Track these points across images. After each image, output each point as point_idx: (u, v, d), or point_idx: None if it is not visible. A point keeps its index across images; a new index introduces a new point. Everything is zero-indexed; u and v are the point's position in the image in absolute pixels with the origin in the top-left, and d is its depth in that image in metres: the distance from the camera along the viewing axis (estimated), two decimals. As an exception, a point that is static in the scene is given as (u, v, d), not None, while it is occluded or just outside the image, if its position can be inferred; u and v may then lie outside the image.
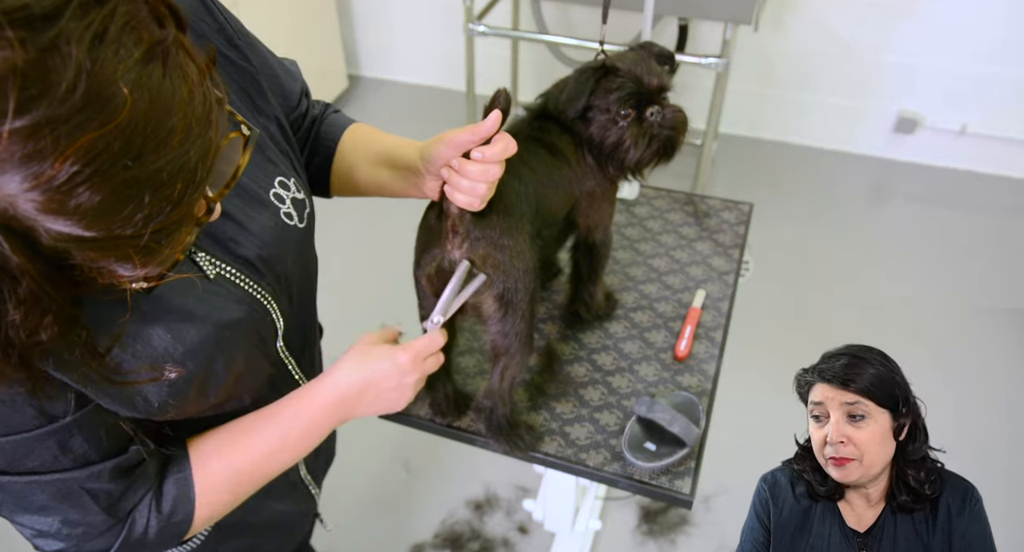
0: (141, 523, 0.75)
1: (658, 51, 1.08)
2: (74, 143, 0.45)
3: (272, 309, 0.82)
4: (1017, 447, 2.12)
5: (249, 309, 0.79)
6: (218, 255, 0.76)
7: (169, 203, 0.51)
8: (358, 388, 0.86)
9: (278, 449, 0.83)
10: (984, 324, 2.50)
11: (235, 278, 0.77)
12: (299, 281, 0.89)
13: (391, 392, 0.88)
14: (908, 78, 3.01)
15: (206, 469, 0.79)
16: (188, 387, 0.73)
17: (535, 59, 3.34)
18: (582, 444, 1.12)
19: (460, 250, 0.92)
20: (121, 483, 0.73)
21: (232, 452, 0.81)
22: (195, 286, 0.73)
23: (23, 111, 0.42)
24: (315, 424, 0.85)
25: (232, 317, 0.76)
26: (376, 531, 1.98)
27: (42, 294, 0.50)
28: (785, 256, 2.75)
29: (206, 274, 0.75)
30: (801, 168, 3.20)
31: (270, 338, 0.84)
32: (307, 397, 0.85)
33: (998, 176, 3.11)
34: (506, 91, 0.81)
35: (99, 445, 0.70)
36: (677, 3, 2.38)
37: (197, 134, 0.51)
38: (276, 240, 0.82)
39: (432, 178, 0.90)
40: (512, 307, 0.96)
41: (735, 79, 3.08)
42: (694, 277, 1.40)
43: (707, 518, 1.97)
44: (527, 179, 0.98)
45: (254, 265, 0.79)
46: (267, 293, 0.81)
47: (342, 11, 3.54)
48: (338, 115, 1.05)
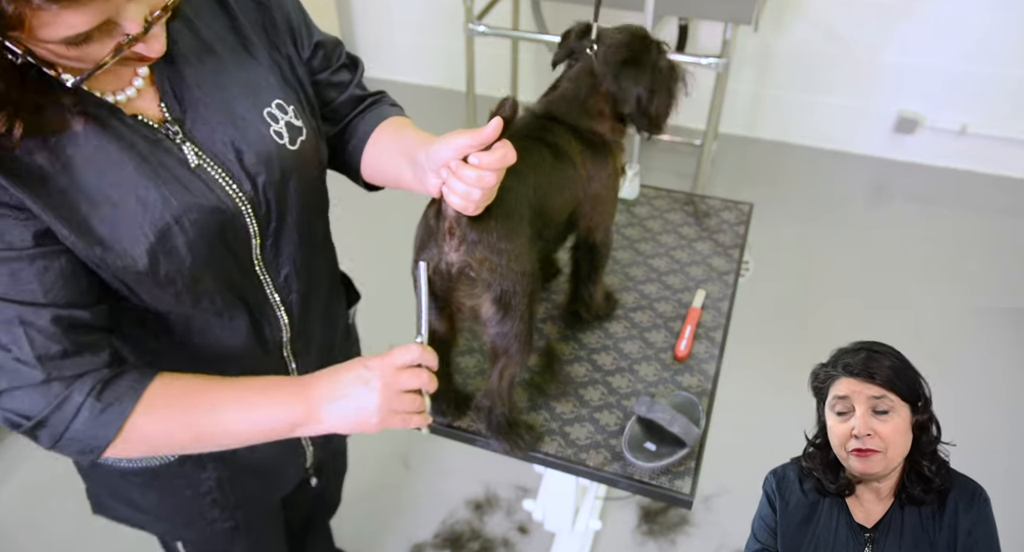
0: (75, 401, 0.76)
1: None
2: None
3: (247, 214, 0.85)
4: (1017, 447, 2.12)
5: (222, 205, 0.82)
6: (203, 148, 0.82)
7: None
8: (321, 382, 0.86)
9: (233, 405, 0.83)
10: (983, 323, 2.50)
11: (214, 171, 0.82)
12: (293, 208, 0.91)
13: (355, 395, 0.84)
14: (908, 78, 3.02)
15: (159, 392, 0.80)
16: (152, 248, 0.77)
17: (535, 59, 3.34)
18: (582, 444, 1.12)
19: (457, 253, 0.92)
20: (63, 340, 0.75)
21: (193, 392, 0.82)
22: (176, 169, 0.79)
23: None
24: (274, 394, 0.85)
25: (199, 202, 0.80)
26: (376, 530, 1.98)
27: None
28: (785, 256, 2.75)
29: (188, 162, 0.81)
30: (801, 168, 3.20)
31: (241, 242, 0.87)
32: (285, 392, 0.85)
33: (998, 176, 3.11)
34: (513, 98, 0.80)
35: (50, 289, 0.73)
36: (677, 3, 2.38)
37: None
38: (258, 151, 0.85)
39: (434, 175, 0.90)
40: (510, 310, 0.95)
41: (735, 79, 3.08)
42: (694, 277, 1.40)
43: (707, 518, 1.97)
44: (529, 180, 0.98)
45: (231, 167, 0.83)
46: (243, 196, 0.84)
47: (342, 11, 3.54)
48: (392, 108, 1.07)
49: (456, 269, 0.93)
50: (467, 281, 0.94)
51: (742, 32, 2.65)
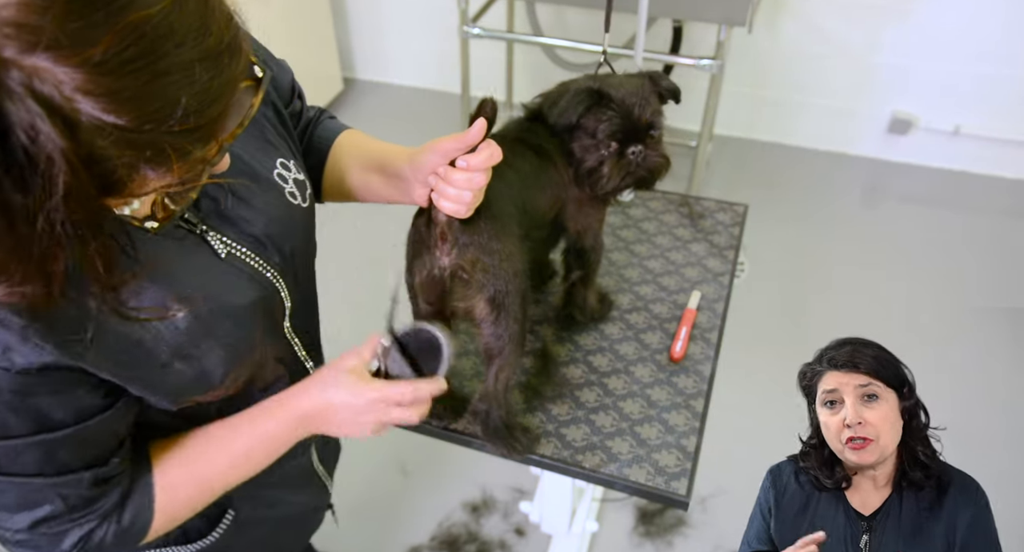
0: (100, 533, 0.74)
1: (666, 86, 1.10)
2: (125, 18, 0.46)
3: (280, 287, 0.83)
4: (1015, 446, 2.13)
5: (260, 288, 0.79)
6: (228, 233, 0.77)
7: (202, 100, 0.52)
8: (316, 411, 0.83)
9: (242, 463, 0.82)
10: (979, 323, 2.51)
11: (245, 256, 0.78)
12: (303, 261, 0.90)
13: (345, 424, 0.84)
14: (901, 79, 3.02)
15: (168, 478, 0.78)
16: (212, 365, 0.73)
17: (530, 61, 3.34)
18: (578, 446, 1.11)
19: (449, 257, 0.93)
20: (96, 491, 0.72)
21: (197, 463, 0.80)
22: (208, 267, 0.74)
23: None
24: (276, 440, 0.83)
25: (248, 297, 0.77)
26: (372, 534, 1.98)
27: (77, 183, 0.49)
28: (780, 257, 2.76)
29: (217, 253, 0.75)
30: (795, 169, 3.21)
31: (279, 318, 0.85)
32: (272, 412, 0.83)
33: (992, 176, 3.12)
34: (492, 100, 0.82)
35: (84, 456, 0.69)
36: (671, 5, 2.39)
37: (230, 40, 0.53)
38: (282, 218, 0.82)
39: (421, 185, 0.91)
40: (504, 309, 0.96)
41: (729, 81, 3.08)
42: (689, 278, 1.40)
43: (704, 519, 1.97)
44: (512, 180, 0.99)
45: (262, 243, 0.80)
46: (276, 271, 0.82)
47: (336, 14, 3.53)
48: (332, 121, 1.06)
49: (449, 273, 0.94)
50: (461, 284, 0.94)
51: (736, 34, 2.65)
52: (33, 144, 0.46)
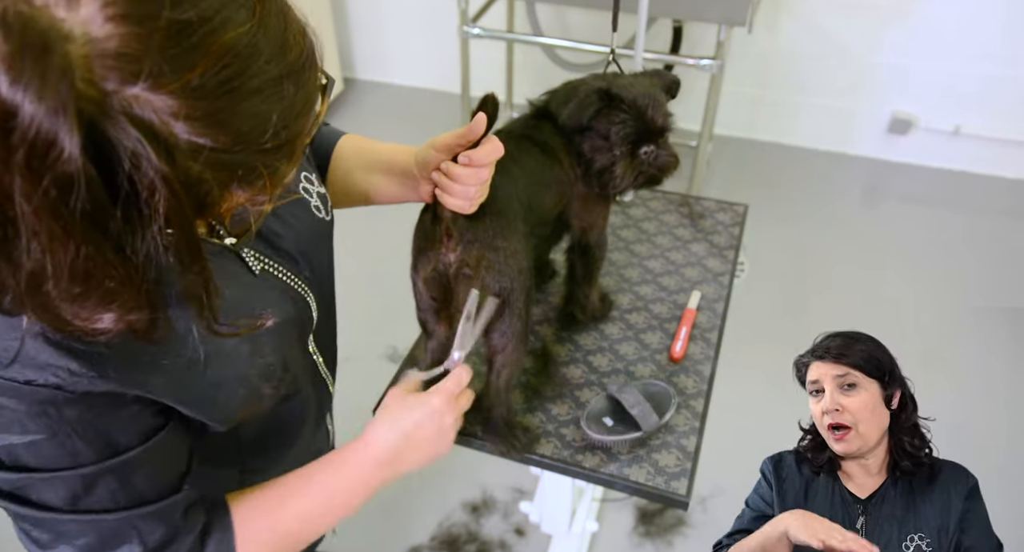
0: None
1: (670, 80, 1.11)
2: (218, 41, 0.46)
3: (310, 302, 0.83)
4: (1015, 446, 2.13)
5: (293, 303, 0.79)
6: (261, 249, 0.76)
7: (289, 115, 0.52)
8: (397, 448, 0.82)
9: (324, 513, 0.79)
10: (979, 323, 2.51)
11: (277, 272, 0.78)
12: (327, 275, 0.89)
13: (433, 439, 0.84)
14: (901, 79, 3.02)
15: (249, 528, 0.75)
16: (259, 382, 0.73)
17: (530, 61, 3.34)
18: (578, 445, 1.11)
19: (454, 253, 0.93)
20: (171, 527, 0.69)
21: (279, 513, 0.77)
22: (245, 283, 0.73)
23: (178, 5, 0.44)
24: (364, 487, 0.82)
25: (286, 313, 0.76)
26: (372, 534, 1.98)
27: (177, 207, 0.49)
28: (780, 257, 2.76)
29: (251, 269, 0.75)
30: (795, 169, 3.21)
31: (308, 333, 0.85)
32: (352, 461, 0.81)
33: (992, 176, 3.12)
34: (493, 96, 0.82)
35: (158, 482, 0.67)
36: (671, 5, 2.39)
37: (308, 53, 0.54)
38: (310, 232, 0.82)
39: (426, 182, 0.91)
40: (508, 307, 0.96)
41: (729, 81, 3.08)
42: (689, 278, 1.40)
43: (704, 519, 1.97)
44: (517, 177, 0.99)
45: (294, 258, 0.80)
46: (306, 286, 0.81)
47: (336, 14, 3.53)
48: (327, 128, 1.05)
49: (455, 269, 0.94)
50: (465, 281, 0.94)
51: (736, 34, 2.66)
52: (137, 171, 0.46)
